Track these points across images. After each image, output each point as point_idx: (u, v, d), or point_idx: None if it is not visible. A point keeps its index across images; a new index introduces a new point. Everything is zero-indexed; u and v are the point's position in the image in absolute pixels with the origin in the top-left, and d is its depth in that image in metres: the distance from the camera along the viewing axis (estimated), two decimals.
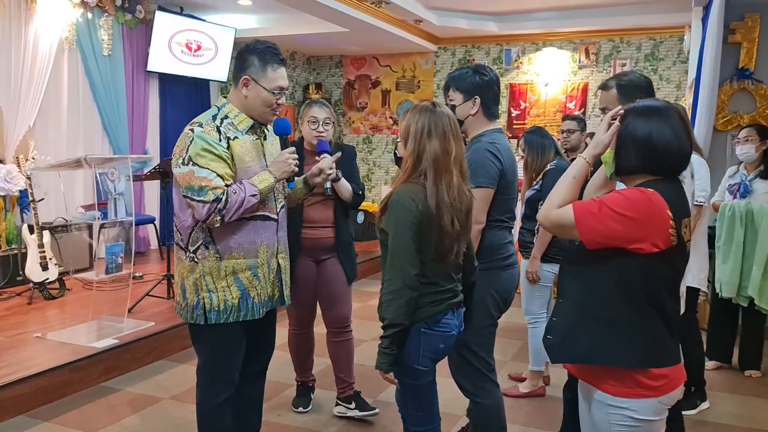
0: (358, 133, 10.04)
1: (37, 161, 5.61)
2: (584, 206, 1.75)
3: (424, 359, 2.15)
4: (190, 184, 2.26)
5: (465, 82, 2.58)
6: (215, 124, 2.34)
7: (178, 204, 2.40)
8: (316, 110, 3.22)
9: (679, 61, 8.04)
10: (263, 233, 2.43)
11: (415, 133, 2.13)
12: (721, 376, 4.20)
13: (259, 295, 2.44)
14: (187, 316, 2.41)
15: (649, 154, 1.75)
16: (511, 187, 2.58)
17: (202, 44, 7.65)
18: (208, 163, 2.26)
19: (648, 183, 1.76)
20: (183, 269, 2.41)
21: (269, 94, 2.39)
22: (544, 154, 3.79)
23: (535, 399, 3.75)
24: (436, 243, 2.09)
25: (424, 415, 2.24)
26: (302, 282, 3.28)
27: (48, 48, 5.96)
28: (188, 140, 2.29)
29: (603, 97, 2.61)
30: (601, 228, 1.70)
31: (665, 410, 1.81)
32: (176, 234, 2.45)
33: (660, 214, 1.69)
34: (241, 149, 2.36)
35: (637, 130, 1.76)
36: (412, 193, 2.08)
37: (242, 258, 2.38)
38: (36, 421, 3.33)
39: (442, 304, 2.15)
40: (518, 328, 5.13)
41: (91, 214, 4.26)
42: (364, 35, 8.08)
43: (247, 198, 2.30)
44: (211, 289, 2.36)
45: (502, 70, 8.99)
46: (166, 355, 4.29)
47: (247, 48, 2.41)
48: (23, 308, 4.84)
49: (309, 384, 3.60)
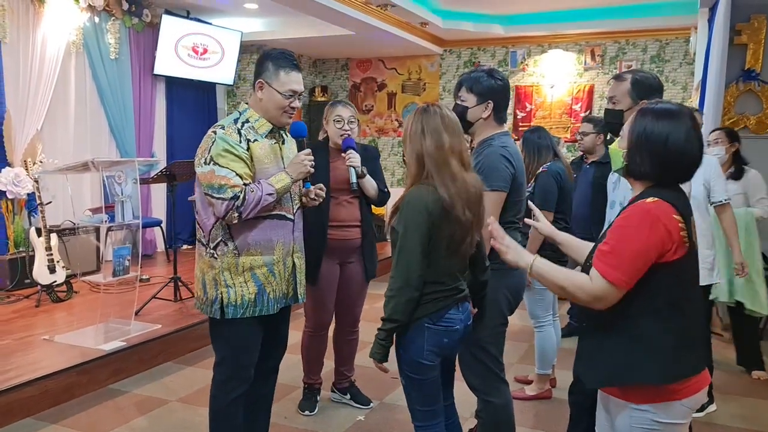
0: (364, 135, 10.05)
1: (45, 165, 5.64)
2: (608, 265, 1.70)
3: (429, 354, 2.18)
4: (210, 182, 2.38)
5: (480, 85, 2.57)
6: (236, 127, 2.47)
7: (201, 202, 2.52)
8: (340, 109, 3.29)
9: (686, 62, 8.02)
10: (279, 232, 2.54)
11: (411, 137, 2.19)
12: (728, 378, 4.18)
13: (274, 291, 2.53)
14: (206, 310, 2.52)
15: (662, 159, 1.73)
16: (521, 189, 2.59)
17: (209, 47, 7.68)
18: (228, 163, 2.39)
19: (653, 188, 1.76)
20: (203, 265, 2.53)
21: (281, 96, 2.49)
22: (540, 156, 3.75)
23: (542, 402, 3.75)
24: (450, 235, 2.13)
25: (428, 411, 2.26)
26: (326, 285, 3.33)
27: (55, 52, 5.99)
28: (210, 141, 2.42)
29: (615, 87, 2.61)
30: (633, 270, 1.68)
31: (690, 413, 1.77)
32: (198, 231, 2.58)
33: (668, 220, 1.68)
34: (260, 151, 2.49)
35: (654, 134, 1.73)
36: (423, 195, 2.11)
37: (259, 255, 2.49)
38: (43, 424, 3.35)
39: (446, 300, 2.19)
40: (524, 330, 5.13)
41: (99, 217, 4.28)
42: (369, 38, 8.09)
43: (264, 197, 2.41)
44: (229, 285, 2.47)
45: (508, 72, 8.99)
46: (173, 358, 4.30)
47: (264, 54, 2.56)
48: (31, 311, 4.86)
49: (316, 386, 3.61)
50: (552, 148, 3.79)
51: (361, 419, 3.47)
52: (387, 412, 3.54)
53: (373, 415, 3.53)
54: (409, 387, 2.26)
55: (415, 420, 2.29)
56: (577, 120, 8.71)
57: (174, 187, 5.18)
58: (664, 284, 1.70)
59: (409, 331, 2.18)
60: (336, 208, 3.28)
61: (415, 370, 2.21)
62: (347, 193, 3.27)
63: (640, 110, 1.82)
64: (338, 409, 3.59)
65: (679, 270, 1.71)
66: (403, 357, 2.21)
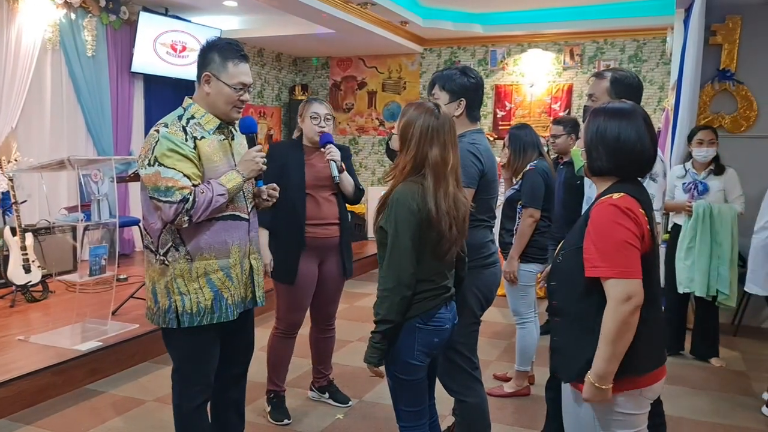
0: (344, 134, 10.03)
1: (20, 163, 5.56)
2: (603, 267, 1.71)
3: (419, 354, 2.17)
4: (156, 185, 2.23)
5: (453, 83, 2.58)
6: (181, 124, 2.31)
7: (146, 207, 2.37)
8: (317, 106, 3.25)
9: (662, 62, 8.11)
10: (234, 233, 2.40)
11: (418, 136, 2.13)
12: (691, 371, 4.25)
13: (232, 296, 2.41)
14: (159, 320, 2.37)
15: (618, 155, 1.80)
16: (491, 186, 2.60)
17: (187, 45, 7.61)
18: (175, 164, 2.24)
19: (617, 185, 1.81)
20: (153, 273, 2.37)
21: (231, 90, 2.34)
22: (525, 154, 3.77)
23: (520, 398, 3.77)
24: (434, 245, 2.12)
25: (414, 411, 2.25)
26: (304, 285, 3.26)
27: (31, 48, 5.90)
28: (154, 141, 2.26)
29: (595, 85, 2.65)
30: (628, 259, 1.70)
31: (648, 404, 1.84)
32: (145, 237, 2.43)
33: (636, 212, 1.73)
34: (208, 149, 2.34)
35: (606, 131, 1.81)
36: (413, 193, 2.10)
37: (213, 258, 2.35)
38: (18, 425, 3.30)
39: (436, 300, 2.18)
40: (503, 329, 5.16)
41: (74, 216, 4.23)
42: (350, 37, 8.08)
43: (215, 197, 2.27)
44: (183, 292, 2.32)
45: (488, 71, 9.03)
46: (150, 357, 4.26)
47: (208, 44, 2.38)
48: (5, 311, 4.79)
49: (282, 393, 3.45)
50: (537, 145, 3.81)
51: (339, 418, 3.47)
52: (366, 410, 3.54)
53: (353, 413, 3.53)
54: (396, 388, 2.24)
55: (400, 421, 2.28)
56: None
57: None
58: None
59: (399, 332, 2.15)
60: (315, 206, 3.23)
61: (405, 371, 2.18)
62: (326, 190, 3.24)
63: (593, 111, 1.91)
64: (317, 407, 3.58)
65: (646, 263, 1.75)
66: (392, 358, 2.18)
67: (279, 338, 3.38)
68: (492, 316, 5.43)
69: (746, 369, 4.38)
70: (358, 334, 4.91)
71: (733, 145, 4.97)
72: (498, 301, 4.93)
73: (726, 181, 4.33)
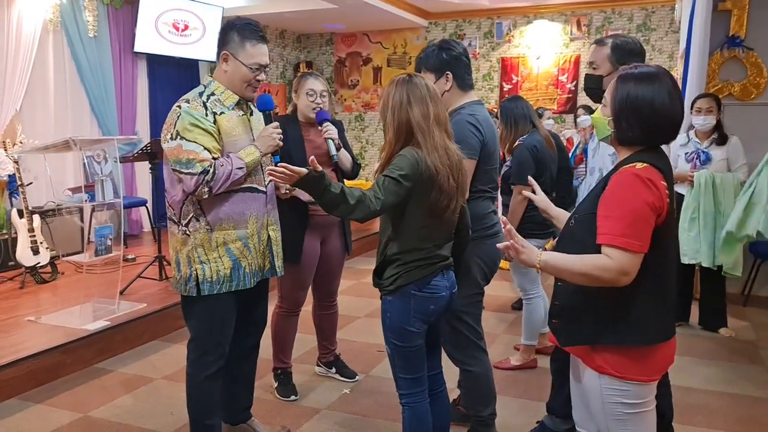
0: (350, 111, 9.98)
1: (25, 145, 5.57)
2: (615, 234, 1.65)
3: (415, 321, 2.20)
4: (178, 157, 2.33)
5: (433, 60, 2.58)
6: (201, 100, 2.41)
7: (169, 179, 2.47)
8: (312, 82, 3.19)
9: (671, 31, 7.97)
10: (252, 205, 2.50)
11: (393, 106, 2.16)
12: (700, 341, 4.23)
13: (250, 265, 2.51)
14: (182, 288, 2.48)
15: (651, 122, 1.71)
16: (492, 156, 2.58)
17: (190, 24, 7.56)
18: (196, 137, 2.34)
19: (640, 153, 1.74)
20: (176, 243, 2.49)
21: (248, 69, 2.43)
22: (516, 127, 3.68)
23: (527, 371, 3.77)
24: (434, 200, 2.13)
25: (412, 379, 2.28)
26: (308, 263, 3.27)
27: (32, 30, 5.89)
28: (176, 116, 2.37)
29: (596, 52, 2.60)
30: (640, 231, 1.65)
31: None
32: (168, 209, 2.52)
33: (659, 183, 1.68)
34: (227, 123, 2.44)
35: (639, 98, 1.71)
36: (416, 152, 2.11)
37: (232, 229, 2.46)
38: (29, 404, 3.34)
39: (430, 267, 2.20)
40: (510, 301, 5.15)
41: (78, 197, 4.24)
42: (353, 11, 7.99)
43: (234, 170, 2.37)
44: (203, 261, 2.43)
45: (494, 44, 8.92)
46: (158, 336, 4.29)
47: (228, 24, 2.48)
48: (15, 292, 4.83)
49: (289, 370, 3.46)
50: (529, 117, 3.72)
51: (346, 392, 3.48)
52: (373, 385, 3.55)
53: (359, 387, 3.54)
54: (394, 355, 2.28)
55: (399, 388, 2.32)
56: (564, 92, 8.68)
57: (156, 165, 5.13)
58: (651, 249, 1.69)
59: (395, 298, 2.19)
60: None
61: (401, 338, 2.22)
62: (325, 166, 3.15)
63: (620, 76, 1.79)
64: (323, 382, 3.60)
65: (662, 235, 1.71)
66: (389, 324, 2.23)
67: (283, 316, 3.38)
68: (499, 289, 5.42)
69: (756, 338, 4.36)
70: (364, 310, 4.92)
71: (743, 113, 4.90)
72: (504, 274, 4.95)
73: (729, 149, 4.25)
